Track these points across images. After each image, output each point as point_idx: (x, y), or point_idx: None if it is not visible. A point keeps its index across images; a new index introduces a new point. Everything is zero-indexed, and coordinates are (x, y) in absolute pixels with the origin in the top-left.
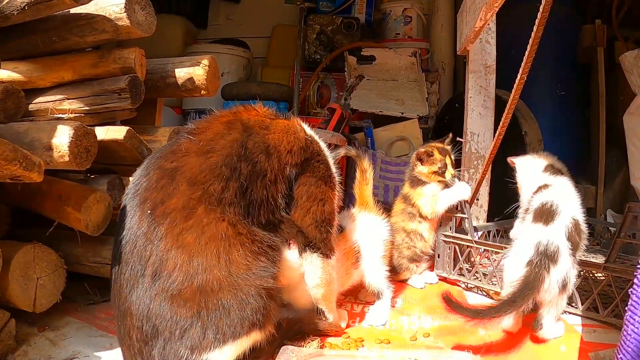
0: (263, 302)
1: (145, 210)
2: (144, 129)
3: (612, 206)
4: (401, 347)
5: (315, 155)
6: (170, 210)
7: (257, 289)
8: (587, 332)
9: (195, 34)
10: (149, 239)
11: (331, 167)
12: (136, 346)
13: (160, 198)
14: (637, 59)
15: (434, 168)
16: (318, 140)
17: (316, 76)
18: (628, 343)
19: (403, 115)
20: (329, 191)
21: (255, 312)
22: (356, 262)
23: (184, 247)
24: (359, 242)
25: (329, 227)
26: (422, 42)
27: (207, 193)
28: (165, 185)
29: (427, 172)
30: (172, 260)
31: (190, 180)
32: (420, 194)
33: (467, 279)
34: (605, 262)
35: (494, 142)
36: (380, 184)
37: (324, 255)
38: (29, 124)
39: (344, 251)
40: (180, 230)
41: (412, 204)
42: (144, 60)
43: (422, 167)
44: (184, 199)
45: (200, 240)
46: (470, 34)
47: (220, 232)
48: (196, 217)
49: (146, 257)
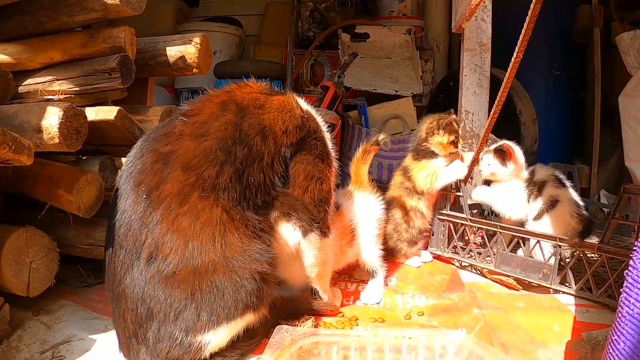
0: (257, 284)
1: (140, 193)
2: (135, 108)
3: (605, 187)
4: (395, 326)
5: (312, 133)
6: (165, 196)
7: (251, 272)
8: (580, 312)
9: (187, 12)
10: (144, 222)
11: (328, 143)
12: (131, 328)
13: (155, 182)
14: (633, 40)
15: (452, 138)
16: (315, 116)
17: (309, 54)
18: (623, 325)
19: (397, 94)
20: (327, 169)
21: (249, 294)
22: (351, 241)
23: (180, 231)
24: (354, 221)
25: (327, 205)
26: (416, 19)
27: (201, 179)
28: (159, 170)
29: (446, 142)
30: (168, 243)
31: (185, 165)
32: (422, 167)
33: (461, 256)
34: (600, 243)
35: (488, 120)
36: (374, 162)
37: (321, 233)
38: (18, 106)
39: (339, 230)
40: (175, 215)
41: (409, 177)
42: (135, 39)
43: (442, 137)
44: (178, 185)
45: (195, 225)
46: (466, 12)
47: (214, 218)
48: (190, 203)
49: (141, 241)
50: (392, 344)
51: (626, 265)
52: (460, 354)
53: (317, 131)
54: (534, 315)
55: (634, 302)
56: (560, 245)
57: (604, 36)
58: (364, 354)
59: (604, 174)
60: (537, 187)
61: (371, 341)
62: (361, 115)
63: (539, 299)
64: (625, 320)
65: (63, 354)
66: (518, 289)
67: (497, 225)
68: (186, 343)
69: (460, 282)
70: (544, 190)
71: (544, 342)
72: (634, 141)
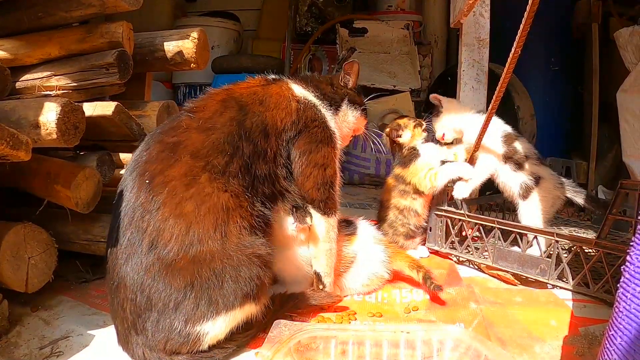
0: (257, 275)
1: (144, 180)
2: (133, 104)
3: (603, 182)
4: (393, 321)
5: (310, 122)
6: (170, 179)
7: (252, 262)
8: (577, 307)
9: (185, 7)
10: (146, 209)
11: (329, 127)
12: (129, 319)
13: (159, 169)
14: (631, 36)
15: (411, 125)
16: (313, 103)
17: (307, 49)
18: (620, 320)
19: (395, 88)
20: (330, 153)
21: (248, 284)
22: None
23: (182, 216)
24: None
25: (332, 188)
26: (414, 14)
27: (210, 164)
28: (166, 158)
29: (412, 128)
30: (169, 230)
31: (193, 154)
32: (414, 171)
33: (458, 252)
34: (597, 238)
35: (486, 116)
36: (372, 157)
37: (325, 214)
38: (16, 102)
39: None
40: (179, 199)
41: (407, 182)
42: (132, 34)
43: (406, 133)
44: (185, 167)
45: (199, 210)
46: (464, 7)
47: (221, 203)
48: (198, 186)
49: (143, 228)
50: (390, 338)
51: (623, 260)
52: (458, 349)
53: (316, 119)
54: (532, 310)
55: (631, 298)
56: (557, 241)
57: (602, 32)
58: (362, 349)
59: (601, 170)
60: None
61: (369, 336)
62: None
63: (536, 294)
64: (622, 316)
65: (62, 349)
66: (516, 284)
67: (494, 220)
68: (185, 333)
69: (457, 276)
70: (525, 165)
71: (542, 337)
72: (632, 137)
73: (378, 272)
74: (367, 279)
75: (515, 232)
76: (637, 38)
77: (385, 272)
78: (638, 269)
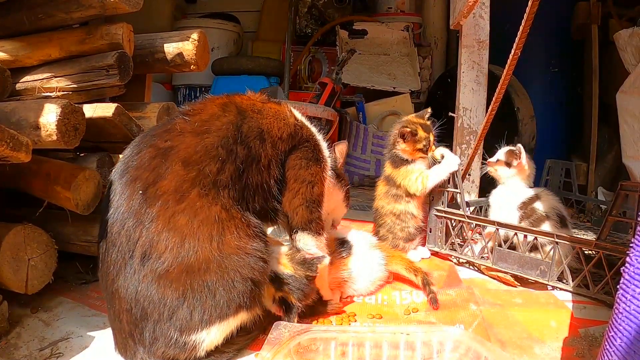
0: (252, 284)
1: (136, 189)
2: (133, 105)
3: (603, 184)
4: (393, 322)
5: (304, 142)
6: (162, 192)
7: (247, 271)
8: (577, 309)
9: (185, 9)
10: (139, 220)
11: (322, 150)
12: (126, 329)
13: (152, 178)
14: (631, 37)
15: (419, 146)
16: (309, 126)
17: (307, 50)
18: (619, 321)
19: (395, 90)
20: (319, 173)
21: (242, 294)
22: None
23: (176, 229)
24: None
25: (319, 207)
26: (414, 16)
27: (202, 174)
28: (157, 166)
29: (410, 150)
30: (164, 242)
31: (185, 161)
32: (405, 174)
33: (458, 253)
34: (597, 240)
35: (486, 117)
36: (372, 159)
37: (317, 232)
38: (16, 104)
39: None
40: (172, 213)
41: (398, 185)
42: (132, 36)
43: (405, 145)
44: (176, 181)
45: (192, 223)
46: (464, 9)
47: (213, 215)
48: (189, 201)
49: (135, 239)
50: (389, 340)
51: (623, 262)
52: (458, 350)
53: (310, 140)
54: (531, 311)
55: (631, 299)
56: (557, 242)
57: (601, 33)
58: (362, 350)
59: (601, 171)
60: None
61: (369, 337)
62: (359, 112)
63: (536, 295)
64: (622, 317)
65: (62, 351)
66: (515, 286)
67: (494, 222)
68: (181, 342)
69: (457, 278)
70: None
71: (541, 338)
72: (632, 138)
73: (378, 274)
74: (370, 283)
75: (515, 234)
76: (636, 39)
77: (385, 272)
78: (638, 270)
